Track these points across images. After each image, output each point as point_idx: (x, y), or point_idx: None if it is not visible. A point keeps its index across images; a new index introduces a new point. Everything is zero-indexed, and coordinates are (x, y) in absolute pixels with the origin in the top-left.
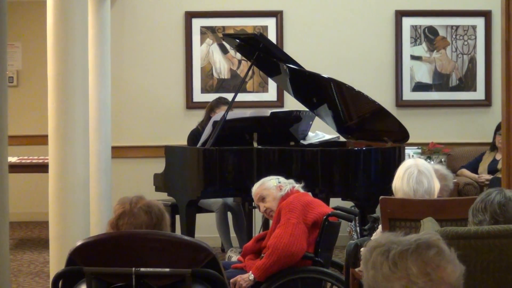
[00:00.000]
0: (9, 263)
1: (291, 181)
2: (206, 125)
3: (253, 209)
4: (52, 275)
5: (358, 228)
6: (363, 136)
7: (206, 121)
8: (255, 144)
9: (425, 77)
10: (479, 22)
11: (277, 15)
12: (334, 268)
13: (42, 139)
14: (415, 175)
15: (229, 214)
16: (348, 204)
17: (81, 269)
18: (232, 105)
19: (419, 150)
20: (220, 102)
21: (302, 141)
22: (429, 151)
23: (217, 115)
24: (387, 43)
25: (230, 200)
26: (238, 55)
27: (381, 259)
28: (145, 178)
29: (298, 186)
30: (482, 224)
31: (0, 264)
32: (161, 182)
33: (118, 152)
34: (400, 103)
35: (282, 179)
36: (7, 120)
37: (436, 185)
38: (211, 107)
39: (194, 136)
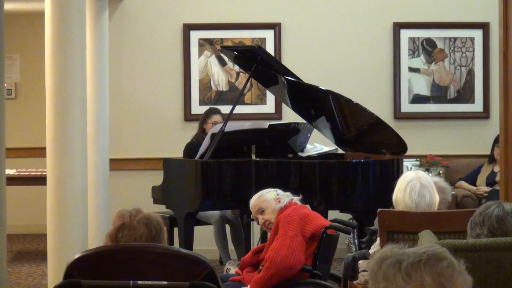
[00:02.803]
0: (6, 276)
1: (289, 193)
2: (200, 138)
3: (251, 222)
4: None
5: (356, 241)
6: (361, 148)
7: (200, 133)
8: (253, 157)
9: (423, 89)
10: (477, 34)
11: (275, 27)
12: (332, 281)
13: (40, 152)
14: (418, 188)
15: (227, 227)
16: (346, 217)
17: (79, 282)
18: (230, 117)
19: (417, 162)
20: (210, 112)
21: (300, 153)
22: (427, 163)
23: (215, 127)
24: (385, 55)
25: (228, 212)
26: (236, 67)
27: (393, 271)
28: (143, 190)
29: (297, 199)
30: (480, 238)
31: None
32: (159, 195)
33: (116, 164)
34: (398, 115)
35: (280, 191)
36: (4, 133)
37: (437, 199)
38: (203, 119)
39: (189, 149)
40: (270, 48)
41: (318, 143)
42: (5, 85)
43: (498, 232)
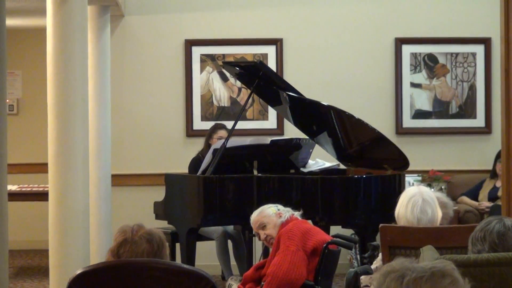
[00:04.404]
0: None
1: (289, 209)
2: (206, 153)
3: (253, 237)
4: None
5: (358, 256)
6: (363, 163)
7: (205, 148)
8: (255, 172)
9: (425, 105)
10: (479, 49)
11: (277, 43)
12: None
13: (42, 167)
14: (420, 204)
15: (229, 242)
16: (348, 232)
17: None
18: (232, 133)
19: (419, 178)
20: (216, 127)
21: (302, 169)
22: (429, 178)
23: (217, 143)
24: (387, 70)
25: (230, 228)
26: (238, 83)
27: (395, 285)
28: (145, 206)
29: (297, 214)
30: (481, 253)
31: None
32: (161, 210)
33: (118, 180)
34: (400, 130)
35: (280, 206)
36: (6, 148)
37: (439, 214)
38: (209, 134)
39: (196, 163)
40: (271, 64)
41: (320, 159)
42: (7, 101)
43: (499, 248)
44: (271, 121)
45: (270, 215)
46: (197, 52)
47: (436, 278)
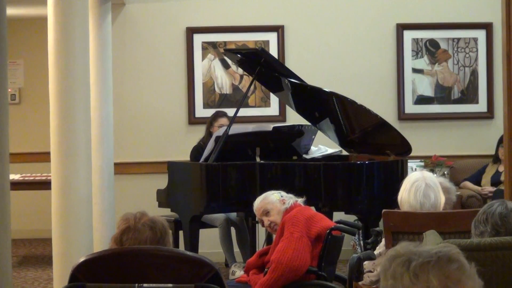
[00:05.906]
0: (12, 281)
1: (292, 195)
2: (207, 141)
3: (257, 224)
4: None
5: (361, 242)
6: (366, 149)
7: (207, 136)
8: (257, 159)
9: (427, 90)
10: (481, 34)
11: (278, 30)
12: (337, 282)
13: (44, 156)
14: (423, 188)
15: (233, 229)
16: (351, 218)
17: (84, 285)
18: (234, 120)
19: (422, 163)
20: (217, 115)
21: (304, 156)
22: (432, 164)
23: (220, 130)
24: (389, 56)
25: (233, 215)
26: (240, 70)
27: (401, 270)
28: (148, 194)
29: (300, 200)
30: (484, 235)
31: (2, 282)
32: (164, 198)
33: (121, 168)
34: (402, 116)
35: (283, 193)
36: (8, 138)
37: (442, 199)
38: (210, 122)
39: (197, 152)
40: (273, 51)
41: (323, 145)
42: (9, 90)
43: (502, 229)
44: (273, 108)
45: (273, 201)
46: (199, 39)
47: (442, 263)
